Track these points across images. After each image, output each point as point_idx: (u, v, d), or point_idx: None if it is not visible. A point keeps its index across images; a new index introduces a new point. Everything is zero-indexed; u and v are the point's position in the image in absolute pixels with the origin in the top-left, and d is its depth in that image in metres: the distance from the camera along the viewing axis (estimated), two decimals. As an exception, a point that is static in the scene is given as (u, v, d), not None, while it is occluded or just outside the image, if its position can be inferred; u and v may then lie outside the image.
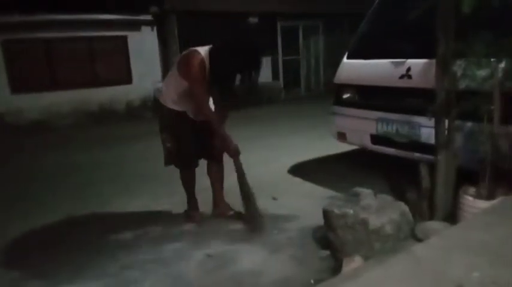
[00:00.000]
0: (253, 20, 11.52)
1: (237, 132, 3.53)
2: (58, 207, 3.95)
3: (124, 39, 10.18)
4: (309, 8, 12.24)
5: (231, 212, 3.48)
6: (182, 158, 3.28)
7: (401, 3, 3.86)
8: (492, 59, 2.56)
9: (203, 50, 3.05)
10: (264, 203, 3.66)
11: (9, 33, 8.73)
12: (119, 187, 4.52)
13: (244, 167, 3.22)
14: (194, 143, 3.25)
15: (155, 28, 10.57)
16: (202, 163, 3.44)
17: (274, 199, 3.82)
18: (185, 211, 3.53)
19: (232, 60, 2.98)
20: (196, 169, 3.42)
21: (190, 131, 3.20)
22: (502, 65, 2.58)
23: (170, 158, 3.32)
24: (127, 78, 10.29)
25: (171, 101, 3.17)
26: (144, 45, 10.40)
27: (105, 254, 2.93)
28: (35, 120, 9.07)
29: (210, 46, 3.10)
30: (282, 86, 12.62)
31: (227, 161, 3.30)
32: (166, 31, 10.53)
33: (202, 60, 2.99)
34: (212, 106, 3.24)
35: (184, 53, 3.16)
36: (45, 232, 3.43)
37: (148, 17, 10.32)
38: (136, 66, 10.31)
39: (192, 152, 3.28)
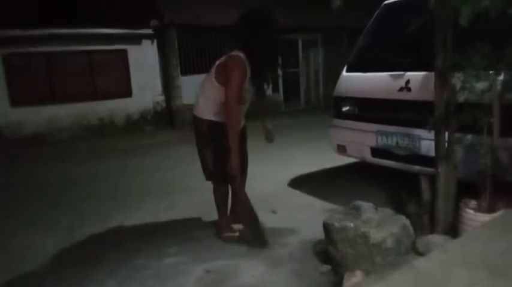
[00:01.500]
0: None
1: (236, 145, 3.51)
2: (56, 221, 3.92)
3: (124, 52, 10.25)
4: (308, 22, 12.35)
5: (228, 234, 3.39)
6: (227, 173, 3.06)
7: (399, 17, 3.89)
8: (491, 72, 2.57)
9: (239, 53, 3.01)
10: (263, 217, 3.63)
11: (10, 47, 8.79)
12: (118, 200, 4.50)
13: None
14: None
15: (155, 41, 10.65)
16: (196, 177, 3.41)
17: (274, 212, 3.79)
18: (220, 230, 3.36)
19: (265, 29, 2.98)
20: (192, 183, 3.37)
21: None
22: (501, 77, 2.58)
23: (212, 174, 3.21)
24: (127, 92, 10.33)
25: (212, 113, 3.08)
26: (144, 59, 10.46)
27: (103, 270, 2.89)
28: (34, 133, 9.09)
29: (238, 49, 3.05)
30: (282, 98, 12.66)
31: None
32: (166, 45, 10.60)
33: (244, 63, 2.96)
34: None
35: (222, 60, 3.09)
36: (43, 247, 3.39)
37: (149, 31, 10.40)
38: (136, 80, 10.36)
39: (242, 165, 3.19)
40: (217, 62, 3.13)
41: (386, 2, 4.19)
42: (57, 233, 3.64)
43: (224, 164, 3.03)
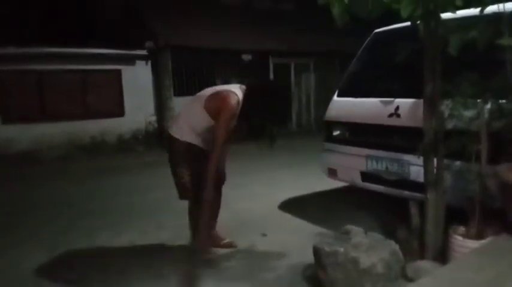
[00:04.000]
0: (247, 57, 11.76)
1: (227, 167, 3.52)
2: (43, 241, 3.86)
3: (118, 72, 10.30)
4: (301, 47, 12.56)
5: (224, 242, 3.48)
6: (200, 192, 3.12)
7: (389, 44, 3.98)
8: (478, 100, 2.62)
9: (237, 89, 3.10)
10: (253, 240, 3.62)
11: (3, 64, 8.79)
12: (107, 220, 4.44)
13: (235, 201, 3.19)
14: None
15: (149, 62, 10.73)
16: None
17: (263, 235, 3.77)
18: (196, 251, 3.34)
19: (269, 102, 3.12)
20: (183, 204, 3.36)
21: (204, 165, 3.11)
22: (488, 105, 2.64)
23: (186, 192, 3.23)
24: (119, 111, 10.33)
25: (193, 136, 3.13)
26: (137, 79, 10.52)
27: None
28: (25, 151, 8.98)
29: (241, 86, 3.17)
30: (274, 121, 12.71)
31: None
32: (160, 66, 10.69)
33: (238, 102, 3.04)
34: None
35: (217, 91, 3.16)
36: (29, 269, 3.31)
37: (143, 52, 10.49)
38: (129, 100, 10.38)
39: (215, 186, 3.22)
40: (210, 91, 3.18)
41: (377, 30, 4.29)
42: (44, 253, 3.56)
43: (202, 185, 3.06)
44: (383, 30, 4.20)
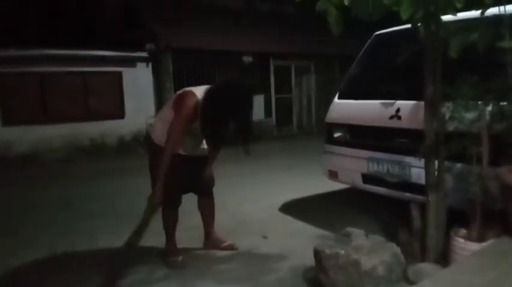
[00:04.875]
0: (247, 58, 11.78)
1: (228, 168, 3.53)
2: (44, 242, 3.85)
3: (119, 74, 10.32)
4: (301, 49, 12.58)
5: (225, 244, 3.48)
6: (171, 196, 3.12)
7: (390, 46, 3.98)
8: (479, 102, 2.62)
9: (199, 91, 3.02)
10: (254, 242, 3.62)
11: (4, 66, 8.81)
12: (108, 221, 4.44)
13: (235, 203, 3.19)
14: (185, 180, 3.19)
15: (150, 64, 10.74)
16: (185, 202, 3.40)
17: (264, 237, 3.76)
18: (165, 254, 3.34)
19: (225, 105, 2.92)
20: (182, 208, 3.35)
21: (182, 169, 3.10)
22: (489, 107, 2.64)
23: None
24: (120, 113, 10.34)
25: (164, 138, 3.08)
26: (138, 81, 10.53)
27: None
28: (26, 153, 9.00)
29: (207, 87, 3.05)
30: (275, 123, 12.74)
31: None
32: (161, 68, 10.71)
33: (197, 102, 2.95)
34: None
35: (179, 92, 3.14)
36: (29, 271, 3.32)
37: (144, 54, 10.51)
38: (129, 102, 10.39)
39: (181, 190, 3.22)
40: (178, 92, 3.17)
41: (377, 32, 4.30)
42: (44, 254, 3.56)
43: (173, 189, 3.05)
44: (383, 33, 4.20)
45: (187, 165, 3.16)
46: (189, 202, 3.39)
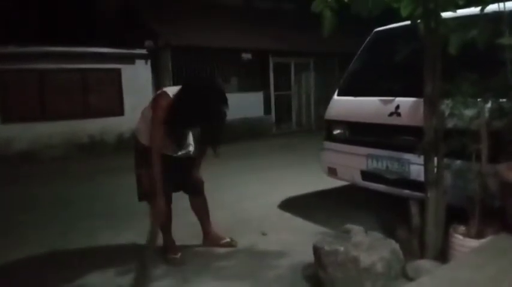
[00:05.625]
0: (247, 55, 11.76)
1: (227, 165, 3.53)
2: (43, 241, 3.85)
3: (118, 71, 10.28)
4: (301, 46, 12.56)
5: (224, 241, 3.48)
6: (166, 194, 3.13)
7: (389, 43, 3.98)
8: (479, 99, 2.62)
9: (173, 91, 3.03)
10: (253, 239, 3.62)
11: (4, 63, 8.77)
12: (108, 220, 4.44)
13: (234, 200, 3.19)
14: (172, 179, 3.15)
15: (149, 62, 10.72)
16: (185, 199, 3.40)
17: (263, 234, 3.77)
18: (165, 251, 3.35)
19: (192, 105, 2.91)
20: (182, 205, 3.35)
21: (169, 168, 3.07)
22: (488, 105, 2.64)
23: (145, 195, 3.24)
24: (119, 110, 10.31)
25: (146, 137, 3.11)
26: (137, 78, 10.50)
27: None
28: (25, 150, 8.98)
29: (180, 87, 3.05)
30: (274, 120, 12.74)
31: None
32: (160, 65, 10.68)
33: (169, 102, 2.96)
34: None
35: (158, 92, 3.17)
36: (29, 269, 3.32)
37: (143, 51, 10.48)
38: (128, 99, 10.36)
39: (168, 189, 3.17)
40: (156, 93, 3.18)
41: (377, 29, 4.29)
42: (43, 253, 3.57)
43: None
44: (383, 29, 4.19)
45: (174, 164, 3.17)
46: (188, 199, 3.38)
